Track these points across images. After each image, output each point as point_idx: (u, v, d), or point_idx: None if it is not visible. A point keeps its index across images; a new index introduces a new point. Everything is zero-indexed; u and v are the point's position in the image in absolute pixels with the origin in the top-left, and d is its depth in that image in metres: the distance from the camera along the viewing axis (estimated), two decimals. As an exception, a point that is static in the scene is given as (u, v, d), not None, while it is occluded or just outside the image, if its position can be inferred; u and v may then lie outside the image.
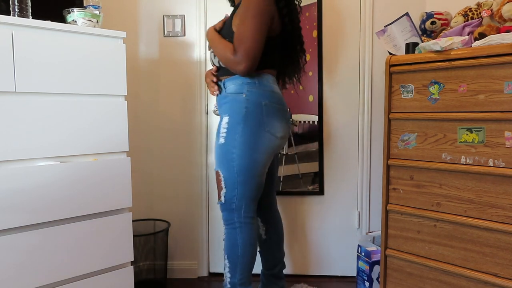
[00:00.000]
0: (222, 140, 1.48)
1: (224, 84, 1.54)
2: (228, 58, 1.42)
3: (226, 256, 1.54)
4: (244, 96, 1.47)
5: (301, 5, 1.62)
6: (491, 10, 1.61)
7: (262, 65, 1.46)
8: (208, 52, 1.60)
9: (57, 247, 1.40)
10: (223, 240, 1.56)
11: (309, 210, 2.17)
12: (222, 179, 1.49)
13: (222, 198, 1.51)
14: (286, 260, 2.18)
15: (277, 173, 1.77)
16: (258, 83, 1.47)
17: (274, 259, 1.78)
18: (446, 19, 1.77)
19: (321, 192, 2.14)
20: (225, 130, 1.48)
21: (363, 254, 1.87)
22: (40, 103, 1.35)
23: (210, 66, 1.79)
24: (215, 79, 1.57)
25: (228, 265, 1.54)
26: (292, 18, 1.54)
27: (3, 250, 1.29)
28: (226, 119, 1.49)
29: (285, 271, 2.24)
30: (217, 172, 1.51)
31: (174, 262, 2.19)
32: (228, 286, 1.54)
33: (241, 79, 1.48)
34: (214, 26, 1.58)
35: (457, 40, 1.38)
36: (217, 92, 1.57)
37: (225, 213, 1.53)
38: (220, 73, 1.56)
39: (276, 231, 1.77)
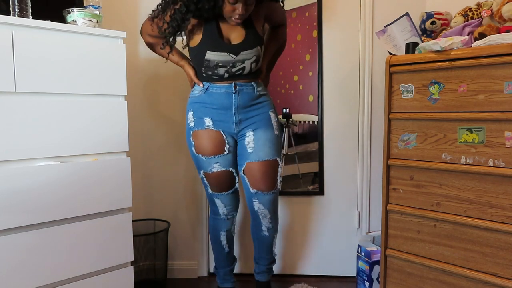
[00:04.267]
0: None
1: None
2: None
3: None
4: None
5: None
6: (491, 10, 1.61)
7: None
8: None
9: (56, 247, 1.39)
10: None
11: (309, 210, 2.17)
12: None
13: None
14: (286, 259, 2.18)
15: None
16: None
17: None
18: (446, 19, 1.77)
19: (321, 192, 2.14)
20: None
21: (363, 254, 1.87)
22: (40, 103, 1.35)
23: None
24: None
25: None
26: None
27: (3, 250, 1.29)
28: None
29: (285, 271, 2.24)
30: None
31: (174, 262, 2.19)
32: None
33: None
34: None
35: (457, 40, 1.38)
36: None
37: None
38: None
39: None
